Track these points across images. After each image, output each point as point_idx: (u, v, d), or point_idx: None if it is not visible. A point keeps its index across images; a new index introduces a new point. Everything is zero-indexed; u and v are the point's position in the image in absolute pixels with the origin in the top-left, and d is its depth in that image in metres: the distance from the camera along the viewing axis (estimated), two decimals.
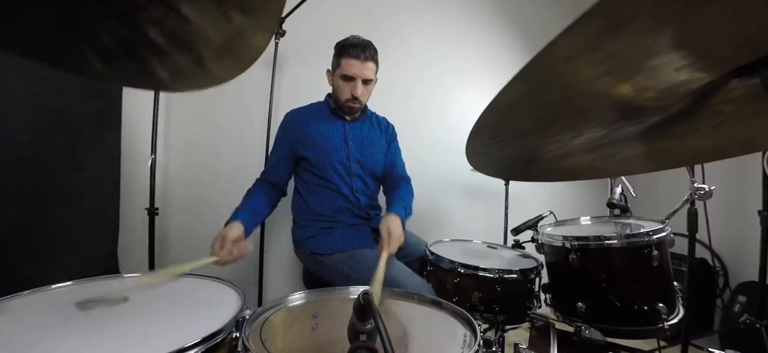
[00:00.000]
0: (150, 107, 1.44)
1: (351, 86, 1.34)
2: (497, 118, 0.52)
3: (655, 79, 0.40)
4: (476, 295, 1.14)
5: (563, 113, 0.50)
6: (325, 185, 1.36)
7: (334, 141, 1.39)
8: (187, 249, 1.72)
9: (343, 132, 1.42)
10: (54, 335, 0.56)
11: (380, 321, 0.43)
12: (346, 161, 1.39)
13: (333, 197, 1.36)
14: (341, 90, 1.36)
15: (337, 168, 1.37)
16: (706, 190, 1.14)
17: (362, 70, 1.33)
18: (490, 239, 1.62)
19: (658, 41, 0.33)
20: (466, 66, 2.32)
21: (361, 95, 1.36)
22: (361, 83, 1.34)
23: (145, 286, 0.78)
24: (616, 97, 0.43)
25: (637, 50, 0.34)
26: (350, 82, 1.34)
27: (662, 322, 0.99)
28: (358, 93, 1.34)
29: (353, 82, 1.34)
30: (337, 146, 1.39)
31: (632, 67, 0.37)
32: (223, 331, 0.58)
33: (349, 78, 1.33)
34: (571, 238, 1.09)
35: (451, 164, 2.13)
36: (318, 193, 1.37)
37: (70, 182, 1.22)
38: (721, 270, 2.16)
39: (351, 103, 1.37)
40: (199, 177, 1.75)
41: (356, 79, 1.33)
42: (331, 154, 1.37)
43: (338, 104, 1.40)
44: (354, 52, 1.31)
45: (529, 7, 2.46)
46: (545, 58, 0.33)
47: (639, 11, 0.28)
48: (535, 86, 0.41)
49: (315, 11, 1.76)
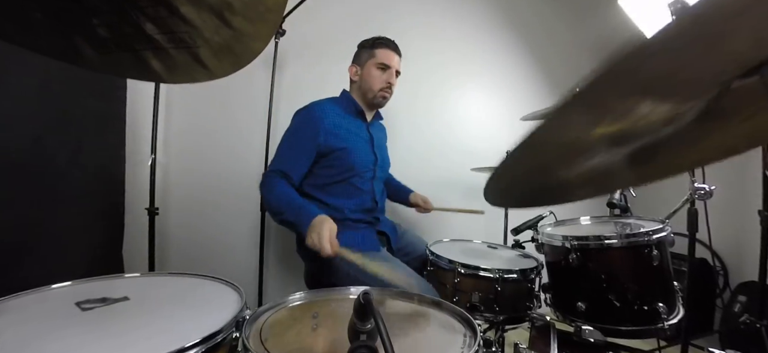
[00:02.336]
0: (150, 106, 1.44)
1: (388, 75, 1.38)
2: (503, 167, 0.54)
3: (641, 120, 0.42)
4: (476, 295, 1.14)
5: (563, 160, 0.53)
6: (345, 185, 1.33)
7: (361, 144, 1.38)
8: (187, 249, 1.72)
9: (368, 135, 1.42)
10: (54, 335, 0.56)
11: (380, 321, 0.43)
12: (372, 167, 1.39)
13: (347, 199, 1.33)
14: (376, 80, 1.37)
15: (362, 171, 1.35)
16: (706, 190, 1.14)
17: (395, 61, 1.39)
18: (490, 239, 1.63)
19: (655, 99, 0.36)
20: (467, 68, 2.32)
21: (395, 84, 1.40)
22: (395, 74, 1.40)
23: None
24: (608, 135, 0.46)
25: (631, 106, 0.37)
26: (387, 71, 1.38)
27: (662, 322, 0.99)
28: (393, 81, 1.39)
29: (390, 70, 1.38)
30: (364, 149, 1.39)
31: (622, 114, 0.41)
32: (223, 331, 0.58)
33: (386, 67, 1.37)
34: (571, 238, 1.09)
35: (452, 164, 2.14)
36: (335, 192, 1.32)
37: (74, 182, 1.23)
38: (721, 269, 2.16)
39: (385, 91, 1.39)
40: (199, 177, 1.75)
41: (392, 68, 1.38)
42: (358, 156, 1.34)
43: (369, 96, 1.39)
44: (390, 44, 1.38)
45: (529, 9, 2.45)
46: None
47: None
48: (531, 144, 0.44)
49: (315, 11, 1.76)
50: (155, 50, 0.58)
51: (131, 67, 0.64)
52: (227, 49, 0.59)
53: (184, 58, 0.61)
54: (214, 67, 0.64)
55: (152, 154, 1.45)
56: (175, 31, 0.54)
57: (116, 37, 0.56)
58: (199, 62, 0.62)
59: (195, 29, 0.54)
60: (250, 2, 0.51)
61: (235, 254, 1.82)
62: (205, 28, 0.54)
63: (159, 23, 0.53)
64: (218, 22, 0.53)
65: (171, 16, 0.51)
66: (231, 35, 0.56)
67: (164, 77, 0.66)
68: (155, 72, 0.63)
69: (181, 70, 0.65)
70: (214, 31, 0.55)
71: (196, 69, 0.63)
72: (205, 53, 0.60)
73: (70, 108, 1.20)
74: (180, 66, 0.63)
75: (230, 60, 0.62)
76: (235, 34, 0.55)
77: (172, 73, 0.65)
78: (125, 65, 0.65)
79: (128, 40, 0.56)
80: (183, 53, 0.60)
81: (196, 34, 0.55)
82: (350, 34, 1.52)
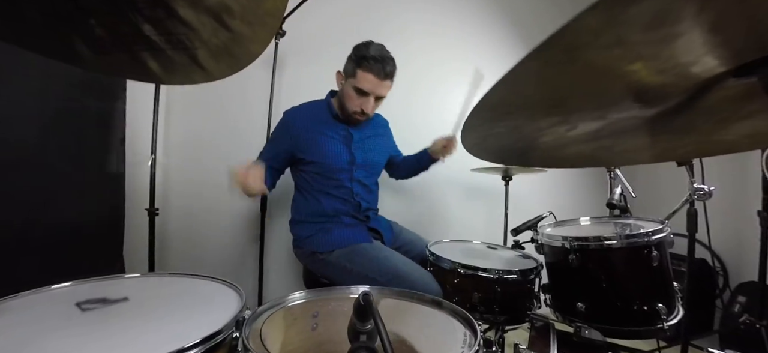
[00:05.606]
0: (150, 107, 1.44)
1: (362, 101, 1.27)
2: (496, 106, 0.52)
3: (668, 62, 0.39)
4: (476, 295, 1.14)
5: (561, 100, 0.49)
6: (325, 188, 1.35)
7: (337, 147, 1.35)
8: (187, 249, 1.72)
9: (346, 136, 1.38)
10: (54, 335, 0.56)
11: (380, 321, 0.43)
12: (349, 167, 1.36)
13: (333, 200, 1.36)
14: (351, 101, 1.28)
15: (338, 173, 1.35)
16: (706, 190, 1.14)
17: (378, 88, 1.25)
18: (490, 239, 1.62)
19: (678, 23, 0.32)
20: (467, 67, 2.31)
21: (370, 111, 1.30)
22: (374, 100, 1.28)
23: None
24: (621, 80, 0.43)
25: (652, 29, 0.33)
26: (363, 96, 1.26)
27: (662, 322, 0.99)
28: (368, 109, 1.28)
29: (366, 98, 1.26)
30: (340, 151, 1.36)
31: (644, 48, 0.36)
32: (223, 331, 0.58)
33: (362, 92, 1.25)
34: (571, 238, 1.09)
35: (452, 164, 2.13)
36: (318, 195, 1.36)
37: (75, 182, 1.23)
38: (720, 270, 2.16)
39: (358, 116, 1.31)
40: (199, 177, 1.75)
41: (370, 95, 1.26)
42: (333, 159, 1.34)
43: (344, 112, 1.34)
44: (374, 67, 1.22)
45: (528, 9, 2.46)
46: (566, 35, 0.32)
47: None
48: (549, 63, 0.39)
49: (315, 11, 1.76)
50: (153, 51, 0.58)
51: (129, 67, 0.65)
52: (225, 51, 0.59)
53: (182, 59, 0.61)
54: (211, 69, 0.64)
55: (152, 154, 1.45)
56: (173, 33, 0.54)
57: (113, 38, 0.56)
58: (197, 64, 0.62)
59: (193, 31, 0.54)
60: (248, 6, 0.51)
61: (235, 255, 1.82)
62: (203, 30, 0.54)
63: (156, 24, 0.53)
64: (216, 25, 0.53)
65: (169, 17, 0.51)
66: (229, 38, 0.56)
67: (162, 78, 0.66)
68: (153, 73, 0.64)
69: (178, 71, 0.65)
70: (212, 33, 0.55)
71: (193, 70, 0.64)
72: (203, 55, 0.60)
73: (70, 108, 1.20)
74: (178, 67, 0.63)
75: (228, 62, 0.62)
76: (233, 36, 0.55)
77: (170, 74, 0.66)
78: (123, 66, 0.65)
79: (126, 41, 0.56)
80: (181, 54, 0.60)
81: (194, 36, 0.55)
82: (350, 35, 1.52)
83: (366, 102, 1.27)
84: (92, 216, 1.31)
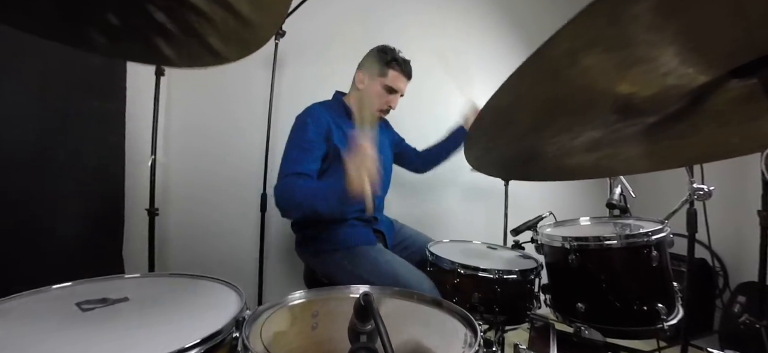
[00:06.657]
0: (150, 106, 1.44)
1: (391, 99, 1.37)
2: (496, 118, 0.52)
3: (655, 75, 0.40)
4: (476, 296, 1.14)
5: (561, 111, 0.50)
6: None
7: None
8: (187, 249, 1.72)
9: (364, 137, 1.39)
10: (54, 335, 0.56)
11: (380, 322, 0.43)
12: None
13: None
14: (379, 98, 1.36)
15: None
16: (706, 190, 1.14)
17: (404, 86, 1.39)
18: (490, 239, 1.62)
19: (660, 36, 0.33)
20: (467, 68, 2.32)
21: (395, 107, 1.40)
22: (398, 98, 1.39)
23: None
24: (614, 94, 0.43)
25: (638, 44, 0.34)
26: (392, 95, 1.37)
27: (662, 322, 0.99)
28: (395, 106, 1.39)
29: (395, 95, 1.37)
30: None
31: (632, 63, 0.37)
32: (223, 331, 0.58)
33: (392, 91, 1.36)
34: (571, 238, 1.09)
35: (452, 165, 2.13)
36: None
37: (74, 182, 1.23)
38: (720, 270, 2.16)
39: (383, 113, 1.40)
40: (199, 177, 1.75)
41: (397, 93, 1.37)
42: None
43: (366, 109, 1.32)
44: (405, 68, 1.36)
45: (529, 10, 2.46)
46: (548, 51, 0.33)
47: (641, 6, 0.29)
48: (535, 81, 0.40)
49: (315, 12, 1.76)
50: (165, 37, 0.60)
51: (141, 52, 0.66)
52: (236, 36, 0.61)
53: (194, 45, 0.63)
54: (223, 52, 0.65)
55: (152, 154, 1.44)
56: (185, 20, 0.56)
57: (127, 25, 0.57)
58: (208, 48, 0.63)
59: (204, 18, 0.55)
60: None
61: (235, 255, 1.82)
62: (215, 16, 0.55)
63: (169, 12, 0.54)
64: (226, 13, 0.54)
65: (180, 6, 0.53)
66: (240, 22, 0.57)
67: (175, 62, 0.67)
68: (165, 57, 0.65)
69: (190, 55, 0.66)
70: (222, 18, 0.56)
71: (205, 55, 0.65)
72: (214, 40, 0.61)
73: (70, 108, 1.21)
74: (189, 52, 0.65)
75: (239, 46, 0.64)
76: (243, 20, 0.57)
77: (182, 59, 0.67)
78: (135, 51, 0.67)
79: (139, 28, 0.58)
80: (193, 40, 0.61)
81: (205, 22, 0.56)
82: (350, 35, 1.52)
83: (394, 99, 1.38)
84: (92, 216, 1.31)
